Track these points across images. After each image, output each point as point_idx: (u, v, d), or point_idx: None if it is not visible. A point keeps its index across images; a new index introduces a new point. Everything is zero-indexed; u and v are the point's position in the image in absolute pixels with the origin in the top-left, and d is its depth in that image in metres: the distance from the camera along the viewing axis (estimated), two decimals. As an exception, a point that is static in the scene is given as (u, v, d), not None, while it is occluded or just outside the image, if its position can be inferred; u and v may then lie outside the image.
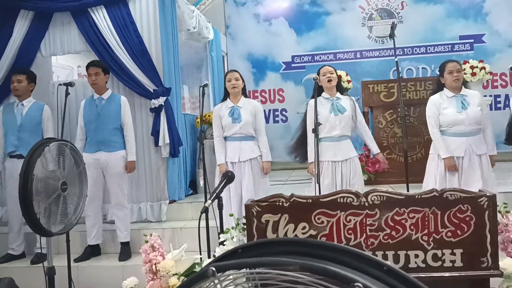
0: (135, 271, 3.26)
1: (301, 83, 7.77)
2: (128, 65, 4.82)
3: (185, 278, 2.45)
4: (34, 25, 5.01)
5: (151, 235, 2.66)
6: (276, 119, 7.94)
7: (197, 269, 2.48)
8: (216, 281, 0.85)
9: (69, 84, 4.13)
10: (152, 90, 4.82)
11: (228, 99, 4.11)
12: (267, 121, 7.87)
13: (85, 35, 4.90)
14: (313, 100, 3.80)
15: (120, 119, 4.26)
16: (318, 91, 3.88)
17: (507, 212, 2.52)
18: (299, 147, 4.11)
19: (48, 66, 5.46)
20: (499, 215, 2.42)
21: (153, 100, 4.82)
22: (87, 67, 4.31)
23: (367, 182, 5.57)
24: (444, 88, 3.78)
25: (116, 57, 4.82)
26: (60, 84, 4.35)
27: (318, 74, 3.86)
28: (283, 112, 7.93)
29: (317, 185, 3.50)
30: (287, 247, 0.92)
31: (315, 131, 3.59)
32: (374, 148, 4.01)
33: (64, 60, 7.26)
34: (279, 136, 7.71)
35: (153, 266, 2.48)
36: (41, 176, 2.49)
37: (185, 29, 5.81)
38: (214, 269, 0.85)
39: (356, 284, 0.74)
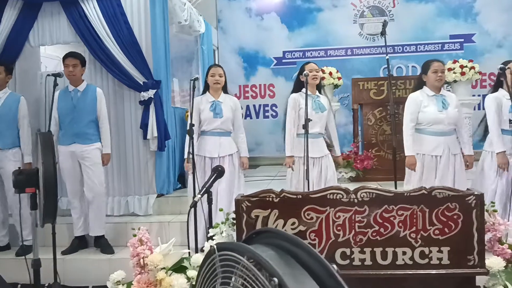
0: (122, 265, 3.23)
1: (291, 79, 7.74)
2: (117, 56, 4.76)
3: (173, 272, 2.45)
4: (23, 15, 4.93)
5: (139, 229, 2.64)
6: (266, 114, 7.94)
7: (185, 263, 2.47)
8: (216, 257, 1.02)
9: (57, 75, 4.07)
10: (141, 83, 4.78)
11: (207, 92, 4.10)
12: (257, 116, 7.88)
13: (74, 26, 4.83)
14: (294, 94, 3.91)
15: (96, 112, 4.21)
16: (298, 87, 3.91)
17: (495, 211, 2.54)
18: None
19: (37, 57, 5.38)
20: (486, 214, 2.45)
21: (142, 92, 4.77)
22: (64, 57, 4.22)
23: (355, 179, 5.61)
24: (425, 87, 3.82)
25: (105, 49, 4.76)
26: (48, 75, 4.29)
27: (304, 70, 3.86)
28: (273, 108, 7.93)
29: (306, 181, 3.51)
30: (273, 239, 1.05)
31: (305, 127, 3.59)
32: (337, 150, 4.17)
33: (53, 50, 7.17)
34: (269, 132, 7.72)
35: (141, 260, 2.47)
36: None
37: (176, 22, 5.76)
38: (215, 247, 1.03)
39: (273, 279, 0.81)
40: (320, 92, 4.04)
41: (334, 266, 0.92)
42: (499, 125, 3.76)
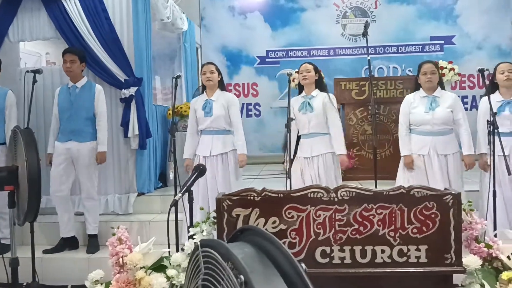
0: (101, 264, 3.21)
1: (275, 78, 7.78)
2: (98, 53, 4.71)
3: (152, 271, 2.43)
4: (2, 10, 4.84)
5: (118, 228, 2.62)
6: (250, 113, 7.93)
7: (165, 262, 2.46)
8: (199, 253, 1.06)
9: (36, 71, 4.01)
10: (122, 80, 4.74)
11: (204, 92, 4.09)
12: (240, 114, 7.86)
13: (54, 21, 4.76)
14: (293, 99, 3.89)
15: (93, 109, 4.15)
16: (299, 89, 3.96)
17: (471, 210, 2.58)
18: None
19: (16, 52, 5.29)
20: (463, 213, 2.48)
21: (123, 90, 4.73)
22: (64, 53, 4.17)
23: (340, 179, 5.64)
24: (421, 88, 3.87)
25: (86, 45, 4.70)
26: (27, 71, 4.21)
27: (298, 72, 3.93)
28: (257, 107, 7.93)
29: (288, 180, 3.53)
30: (255, 236, 1.09)
31: (287, 126, 3.62)
32: (337, 149, 3.90)
33: (33, 46, 7.06)
34: (252, 130, 7.72)
35: (120, 259, 2.45)
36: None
37: (159, 19, 5.72)
38: (199, 243, 1.06)
39: (240, 276, 0.83)
40: (322, 90, 3.99)
41: (303, 265, 0.94)
42: (485, 126, 3.84)
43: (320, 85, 4.02)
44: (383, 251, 2.36)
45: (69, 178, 4.18)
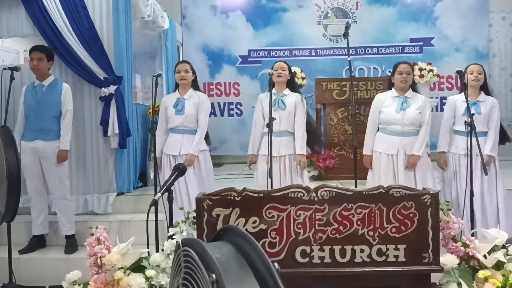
0: (80, 264, 3.17)
1: (257, 78, 7.78)
2: (78, 51, 4.65)
3: (131, 272, 2.41)
4: (-21, 6, 4.74)
5: (96, 228, 2.58)
6: (231, 112, 7.91)
7: (144, 263, 2.44)
8: (180, 252, 1.08)
9: (14, 69, 3.94)
10: (102, 78, 4.68)
11: (177, 90, 4.07)
12: (221, 114, 7.84)
13: (33, 18, 4.67)
14: (262, 94, 3.92)
15: (60, 107, 4.09)
16: (271, 86, 3.92)
17: (449, 210, 2.62)
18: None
19: (-7, 49, 5.20)
20: (441, 212, 2.52)
21: (103, 88, 4.67)
22: (31, 51, 4.11)
23: (317, 178, 5.69)
24: (393, 88, 3.91)
25: (65, 42, 4.63)
26: (4, 69, 4.14)
27: (272, 68, 3.90)
28: (238, 106, 7.92)
29: (269, 179, 3.53)
30: (234, 236, 1.10)
31: (269, 125, 3.61)
32: (297, 148, 3.91)
33: (10, 43, 6.94)
34: (233, 130, 7.71)
35: (98, 260, 2.42)
36: None
37: (140, 17, 5.66)
38: (180, 242, 1.09)
39: (212, 275, 0.85)
40: (293, 90, 4.02)
41: (276, 265, 0.95)
42: (448, 126, 3.99)
43: (291, 85, 4.03)
44: (362, 251, 2.38)
45: (39, 177, 4.12)
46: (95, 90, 4.75)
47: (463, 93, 3.89)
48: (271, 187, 3.44)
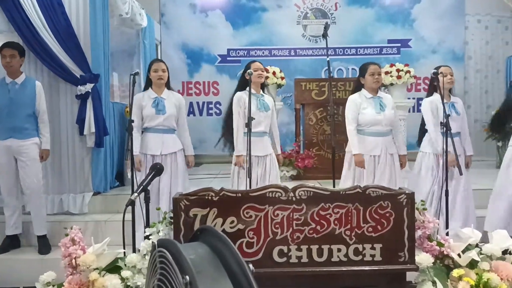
0: (55, 265, 3.11)
1: (236, 77, 7.75)
2: (53, 48, 4.56)
3: (106, 273, 2.37)
4: (-50, 1, 4.61)
5: (71, 228, 2.54)
6: (210, 111, 7.89)
7: (120, 263, 2.41)
8: (156, 253, 1.08)
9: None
10: (78, 76, 4.61)
11: (150, 89, 4.02)
12: (200, 113, 7.81)
13: (7, 14, 4.57)
14: (240, 93, 3.88)
15: (34, 106, 4.02)
16: (243, 85, 3.91)
17: (424, 209, 2.65)
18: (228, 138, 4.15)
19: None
20: (416, 212, 2.55)
21: (79, 86, 4.60)
22: (2, 47, 4.01)
23: (296, 177, 5.71)
24: (363, 89, 3.94)
25: (41, 40, 4.54)
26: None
27: (249, 68, 3.86)
28: (217, 105, 7.90)
29: (247, 179, 3.53)
30: (210, 237, 1.11)
31: (248, 125, 3.60)
32: (278, 148, 4.14)
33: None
34: (212, 129, 7.66)
35: (73, 260, 2.38)
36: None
37: (117, 15, 5.60)
38: (156, 243, 1.08)
39: (185, 276, 0.86)
40: (264, 91, 4.05)
41: (251, 266, 0.94)
42: (438, 127, 3.96)
43: (263, 85, 4.08)
44: (339, 250, 2.39)
45: (14, 176, 4.05)
46: (71, 88, 4.68)
47: (437, 94, 3.95)
48: (250, 186, 3.44)
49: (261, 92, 3.99)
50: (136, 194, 2.45)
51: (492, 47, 8.30)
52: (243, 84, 3.93)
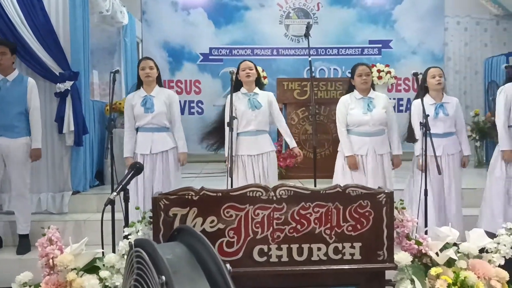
0: (33, 265, 3.07)
1: (218, 76, 7.75)
2: (32, 45, 4.50)
3: (84, 273, 2.34)
4: None
5: (48, 228, 2.50)
6: (192, 110, 7.85)
7: (98, 263, 2.38)
8: (133, 253, 1.07)
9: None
10: (57, 73, 4.56)
11: (141, 88, 4.00)
12: (182, 112, 7.73)
13: (-16, 10, 4.49)
14: (234, 93, 3.86)
15: (26, 103, 3.96)
16: (238, 86, 3.92)
17: (403, 208, 2.68)
18: (212, 137, 4.12)
19: None
20: (395, 211, 2.57)
21: (58, 84, 4.56)
22: None
23: (278, 177, 5.71)
24: (355, 90, 3.97)
25: (19, 36, 4.47)
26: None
27: (238, 69, 3.88)
28: (199, 104, 7.86)
29: (229, 178, 3.52)
30: (188, 236, 1.09)
31: (229, 124, 3.61)
32: (290, 142, 4.08)
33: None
34: (194, 128, 7.61)
35: (50, 261, 2.34)
36: None
37: (98, 12, 5.55)
38: (133, 243, 1.07)
39: (161, 276, 0.85)
40: (261, 89, 4.02)
41: (228, 265, 0.94)
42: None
43: (259, 83, 4.04)
44: (319, 249, 2.39)
45: (1, 173, 3.98)
46: (50, 86, 4.63)
47: (427, 95, 4.00)
48: (232, 186, 3.44)
49: (256, 89, 3.97)
50: (115, 193, 2.42)
51: (471, 48, 8.44)
52: (237, 84, 3.97)
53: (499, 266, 2.64)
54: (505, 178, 3.97)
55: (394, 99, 7.02)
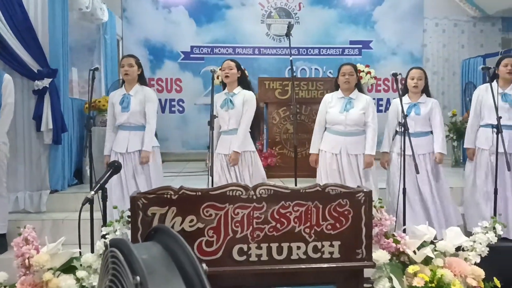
0: (9, 265, 3.02)
1: (199, 75, 7.72)
2: (10, 41, 4.39)
3: (61, 273, 2.31)
4: None
5: (24, 227, 2.46)
6: (173, 109, 7.80)
7: (75, 263, 2.35)
8: (108, 253, 1.05)
9: None
10: (36, 71, 4.48)
11: (123, 86, 3.98)
12: (163, 110, 7.70)
13: (-41, 5, 4.39)
14: (217, 94, 3.93)
15: (0, 99, 3.87)
16: (225, 85, 3.99)
17: (382, 207, 2.71)
18: None
19: None
20: (374, 210, 2.60)
21: (36, 81, 4.47)
22: None
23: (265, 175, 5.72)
24: (339, 89, 4.02)
25: (-4, 32, 4.38)
26: None
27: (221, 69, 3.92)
28: (180, 103, 7.82)
29: (210, 177, 3.52)
30: (165, 236, 1.08)
31: (210, 123, 3.61)
32: (236, 145, 3.90)
33: None
34: (175, 127, 7.61)
35: (26, 261, 2.30)
36: None
37: (77, 8, 5.47)
38: (108, 243, 1.06)
39: (136, 277, 0.85)
40: (246, 88, 4.00)
41: (204, 265, 0.94)
42: (392, 128, 4.14)
43: (243, 82, 4.02)
44: (298, 248, 2.41)
45: None
46: (28, 83, 4.55)
47: (406, 95, 4.09)
48: (212, 185, 3.43)
49: (236, 89, 3.95)
50: (92, 192, 2.39)
51: (449, 50, 8.57)
52: (223, 84, 4.04)
53: (475, 264, 2.70)
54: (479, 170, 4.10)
55: (374, 99, 7.06)
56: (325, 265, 2.42)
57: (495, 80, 4.09)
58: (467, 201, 4.24)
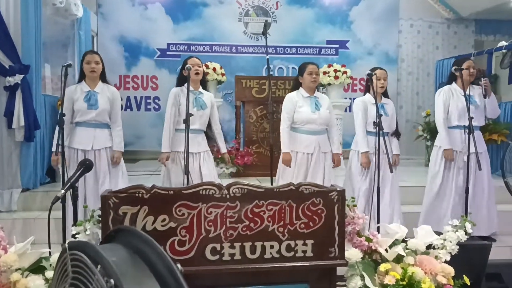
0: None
1: (175, 72, 7.64)
2: (-20, 36, 4.30)
3: (29, 273, 2.26)
4: None
5: (-8, 227, 2.40)
6: (148, 107, 7.73)
7: (45, 263, 2.30)
8: (67, 256, 1.02)
9: None
10: (7, 66, 4.39)
11: (83, 81, 3.89)
12: (138, 108, 7.63)
13: None
14: (175, 89, 3.87)
15: None
16: (181, 81, 3.89)
17: (354, 206, 2.74)
18: None
19: None
20: (347, 208, 2.62)
21: (8, 77, 4.39)
22: None
23: (235, 174, 5.72)
24: (301, 88, 4.03)
25: (-35, 27, 4.27)
26: None
27: (186, 64, 3.81)
28: (156, 100, 7.75)
29: (185, 176, 3.49)
30: (130, 237, 1.04)
31: (186, 121, 3.56)
32: (221, 147, 4.10)
33: None
34: (151, 125, 7.53)
35: (-7, 261, 2.24)
36: None
37: (51, 4, 5.37)
38: (66, 246, 1.04)
39: (110, 280, 0.79)
40: (204, 88, 4.00)
41: (179, 265, 0.92)
42: (364, 127, 4.10)
43: (203, 82, 4.03)
44: (272, 247, 2.41)
45: None
46: None
47: (369, 95, 4.11)
48: (187, 183, 3.40)
49: (200, 89, 3.95)
50: (63, 191, 2.35)
51: (423, 51, 8.70)
52: (181, 80, 3.89)
53: (445, 262, 2.74)
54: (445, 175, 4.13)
55: (350, 98, 7.14)
56: (299, 264, 2.43)
57: (453, 82, 4.16)
58: (431, 201, 4.25)
